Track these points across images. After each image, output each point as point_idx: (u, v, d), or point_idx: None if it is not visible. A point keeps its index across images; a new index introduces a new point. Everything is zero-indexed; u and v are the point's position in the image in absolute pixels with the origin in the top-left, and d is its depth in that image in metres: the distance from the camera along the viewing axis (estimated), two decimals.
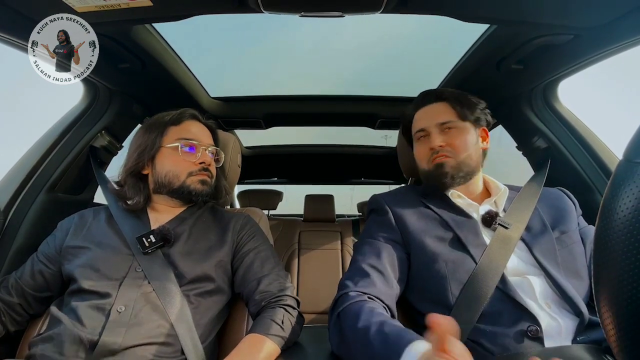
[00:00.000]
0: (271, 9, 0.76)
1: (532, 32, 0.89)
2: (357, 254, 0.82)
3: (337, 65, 1.67)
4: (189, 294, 0.78)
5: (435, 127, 0.88)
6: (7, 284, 0.82)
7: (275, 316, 0.76)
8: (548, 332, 0.63)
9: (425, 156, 0.89)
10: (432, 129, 0.88)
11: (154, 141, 0.90)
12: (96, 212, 0.92)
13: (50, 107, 1.43)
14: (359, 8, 0.77)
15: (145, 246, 0.80)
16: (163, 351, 0.71)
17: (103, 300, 0.73)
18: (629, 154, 0.30)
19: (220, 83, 1.52)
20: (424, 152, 0.89)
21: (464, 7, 0.80)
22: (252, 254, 0.88)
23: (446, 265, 0.74)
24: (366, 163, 2.54)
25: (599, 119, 1.25)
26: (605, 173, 1.03)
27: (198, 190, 0.90)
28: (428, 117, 0.90)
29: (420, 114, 0.93)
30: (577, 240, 0.77)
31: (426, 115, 0.91)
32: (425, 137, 0.90)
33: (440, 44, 1.36)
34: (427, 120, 0.90)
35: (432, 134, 0.88)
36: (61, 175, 1.07)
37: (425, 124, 0.90)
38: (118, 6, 0.74)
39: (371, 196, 0.95)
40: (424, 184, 0.95)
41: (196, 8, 0.80)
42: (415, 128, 0.93)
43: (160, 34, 1.04)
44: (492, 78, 1.13)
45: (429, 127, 0.88)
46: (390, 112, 1.62)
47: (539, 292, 0.68)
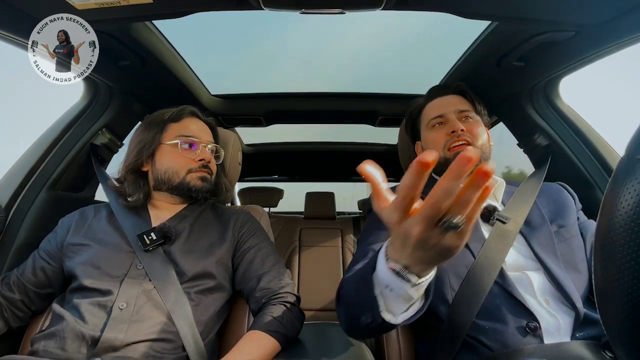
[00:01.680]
0: (271, 6, 0.76)
1: (533, 29, 0.89)
2: (360, 244, 0.82)
3: (338, 63, 1.66)
4: (189, 291, 0.79)
5: (454, 114, 0.87)
6: (9, 281, 0.82)
7: (275, 313, 0.77)
8: (547, 329, 0.64)
9: (441, 142, 0.87)
10: (451, 115, 0.87)
11: (154, 138, 0.90)
12: (97, 210, 0.92)
13: (50, 98, 1.40)
14: (360, 5, 0.76)
15: (146, 243, 0.80)
16: (164, 348, 0.71)
17: (105, 297, 0.74)
18: (631, 149, 0.30)
19: (220, 80, 1.51)
20: (440, 139, 0.87)
21: (464, 3, 0.80)
22: (252, 251, 0.89)
23: (446, 262, 0.74)
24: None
25: (601, 116, 1.24)
26: (606, 170, 1.03)
27: (198, 186, 0.90)
28: (446, 105, 0.90)
29: (435, 103, 0.93)
30: (576, 234, 0.77)
31: (443, 103, 0.91)
32: (442, 124, 0.89)
33: (441, 41, 1.35)
34: (446, 107, 0.90)
35: (451, 120, 0.87)
36: (62, 173, 1.07)
37: (444, 110, 0.89)
38: (118, 3, 0.74)
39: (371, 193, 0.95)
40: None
41: (196, 5, 0.80)
42: (430, 115, 0.92)
43: (160, 31, 1.04)
44: (493, 75, 1.13)
45: (448, 113, 0.88)
46: (391, 110, 1.62)
47: (538, 288, 0.69)
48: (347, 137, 2.21)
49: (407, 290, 0.45)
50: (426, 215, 0.37)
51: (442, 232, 0.37)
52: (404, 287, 0.45)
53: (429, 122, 0.92)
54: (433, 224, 0.37)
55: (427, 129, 0.93)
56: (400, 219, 0.39)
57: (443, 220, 0.37)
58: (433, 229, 0.38)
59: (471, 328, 0.67)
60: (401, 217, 0.39)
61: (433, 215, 0.36)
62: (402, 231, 0.40)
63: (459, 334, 0.67)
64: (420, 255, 0.41)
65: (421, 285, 0.46)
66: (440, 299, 0.72)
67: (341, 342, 0.86)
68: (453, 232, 0.37)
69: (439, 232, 0.38)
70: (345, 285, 0.66)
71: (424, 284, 0.46)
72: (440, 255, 0.41)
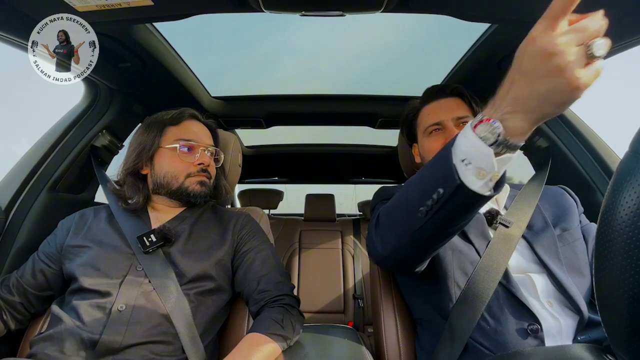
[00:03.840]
0: (272, 8, 0.76)
1: None
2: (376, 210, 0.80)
3: (338, 65, 1.66)
4: (189, 293, 0.78)
5: (452, 121, 0.84)
6: (9, 283, 0.82)
7: (275, 315, 0.76)
8: (549, 331, 0.64)
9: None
10: (449, 123, 0.84)
11: (153, 141, 0.90)
12: (97, 211, 0.92)
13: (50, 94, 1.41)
14: (360, 7, 0.77)
15: (146, 245, 0.80)
16: (163, 350, 0.71)
17: (104, 299, 0.73)
18: (635, 145, 0.30)
19: (221, 82, 1.51)
20: (437, 147, 0.85)
21: (465, 6, 0.80)
22: (252, 253, 0.88)
23: (452, 254, 0.74)
24: (366, 162, 2.54)
25: (601, 118, 1.24)
26: (607, 172, 1.03)
27: (196, 191, 0.89)
28: (444, 111, 0.87)
29: (432, 108, 0.89)
30: (578, 237, 0.77)
31: (441, 108, 0.88)
32: (439, 131, 0.86)
33: (441, 43, 1.36)
34: (443, 113, 0.86)
35: (448, 128, 0.84)
36: (62, 175, 1.07)
37: (442, 117, 0.86)
38: (119, 5, 0.74)
39: (380, 187, 0.93)
40: None
41: (197, 7, 0.80)
42: (427, 122, 0.88)
43: (161, 33, 1.04)
44: (493, 77, 1.13)
45: (446, 120, 0.85)
46: (391, 112, 1.62)
47: (541, 290, 0.69)
48: (347, 139, 2.21)
49: (489, 158, 0.45)
50: (580, 29, 0.37)
51: (586, 57, 0.37)
52: (486, 154, 0.45)
53: (426, 128, 0.89)
54: (578, 44, 0.37)
55: (424, 136, 0.90)
56: (546, 28, 0.38)
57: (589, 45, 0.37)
58: (575, 51, 0.37)
59: (473, 329, 0.67)
60: (547, 26, 0.38)
61: (583, 36, 0.37)
62: (542, 44, 0.38)
63: (462, 335, 0.67)
64: (532, 92, 0.40)
65: (502, 159, 0.46)
66: (445, 293, 0.72)
67: (341, 344, 0.86)
68: (591, 66, 0.37)
69: (580, 56, 0.37)
70: (389, 203, 0.66)
71: (505, 159, 0.46)
72: (551, 100, 0.40)
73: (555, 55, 0.37)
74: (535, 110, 0.42)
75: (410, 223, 0.59)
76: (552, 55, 0.37)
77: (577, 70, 0.37)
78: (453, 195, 0.50)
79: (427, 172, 0.58)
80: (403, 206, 0.62)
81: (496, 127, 0.44)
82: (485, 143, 0.45)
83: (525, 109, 0.42)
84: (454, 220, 0.56)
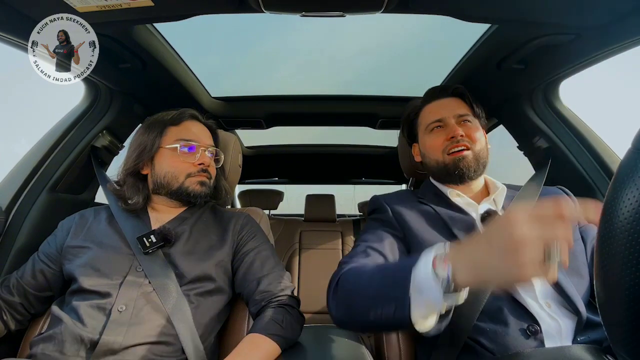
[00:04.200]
0: (272, 9, 0.76)
1: (533, 31, 0.89)
2: (358, 242, 0.82)
3: (338, 65, 1.66)
4: (189, 293, 0.78)
5: (453, 118, 0.87)
6: (9, 284, 0.82)
7: (275, 316, 0.76)
8: (548, 332, 0.63)
9: (440, 147, 0.87)
10: (450, 120, 0.87)
11: (153, 141, 0.90)
12: (97, 212, 0.92)
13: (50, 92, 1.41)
14: (360, 8, 0.77)
15: (145, 246, 0.80)
16: (163, 350, 0.71)
17: (104, 299, 0.73)
18: (637, 142, 0.29)
19: (221, 83, 1.51)
20: (439, 143, 0.88)
21: (464, 6, 0.80)
22: (252, 253, 0.88)
23: None
24: (367, 163, 2.54)
25: (601, 118, 1.23)
26: (607, 173, 1.03)
27: (197, 192, 0.90)
28: (445, 109, 0.90)
29: (434, 106, 0.92)
30: (577, 238, 0.77)
31: (442, 106, 0.91)
32: (441, 128, 0.89)
33: (441, 43, 1.36)
34: (445, 111, 0.89)
35: (450, 124, 0.87)
36: (62, 175, 1.07)
37: (443, 114, 0.89)
38: (119, 6, 0.74)
39: (372, 197, 0.95)
40: (422, 187, 0.95)
41: (197, 8, 0.80)
42: (429, 119, 0.91)
43: (161, 34, 1.04)
44: (493, 78, 1.13)
45: (447, 117, 0.88)
46: (391, 112, 1.62)
47: (539, 291, 0.68)
48: (347, 139, 2.21)
49: (437, 295, 0.48)
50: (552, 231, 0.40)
51: (545, 259, 0.40)
52: (436, 291, 0.48)
53: (427, 126, 0.91)
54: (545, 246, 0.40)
55: (425, 133, 0.92)
56: (530, 220, 0.41)
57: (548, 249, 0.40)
58: (540, 250, 0.40)
59: (472, 330, 0.67)
60: (531, 219, 0.41)
61: (550, 237, 0.40)
62: (516, 233, 0.41)
63: (460, 335, 0.67)
64: (489, 262, 0.44)
65: (452, 297, 0.49)
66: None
67: (341, 344, 0.85)
68: (546, 264, 0.40)
69: (541, 255, 0.40)
70: (352, 277, 0.67)
71: (453, 299, 0.49)
72: (499, 275, 0.43)
73: (523, 247, 0.40)
74: (481, 275, 0.47)
75: (365, 312, 0.60)
76: (521, 246, 0.41)
77: (531, 266, 0.40)
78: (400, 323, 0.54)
79: (388, 283, 0.59)
80: (361, 298, 0.62)
81: (448, 270, 0.48)
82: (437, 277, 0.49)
83: (475, 270, 0.47)
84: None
